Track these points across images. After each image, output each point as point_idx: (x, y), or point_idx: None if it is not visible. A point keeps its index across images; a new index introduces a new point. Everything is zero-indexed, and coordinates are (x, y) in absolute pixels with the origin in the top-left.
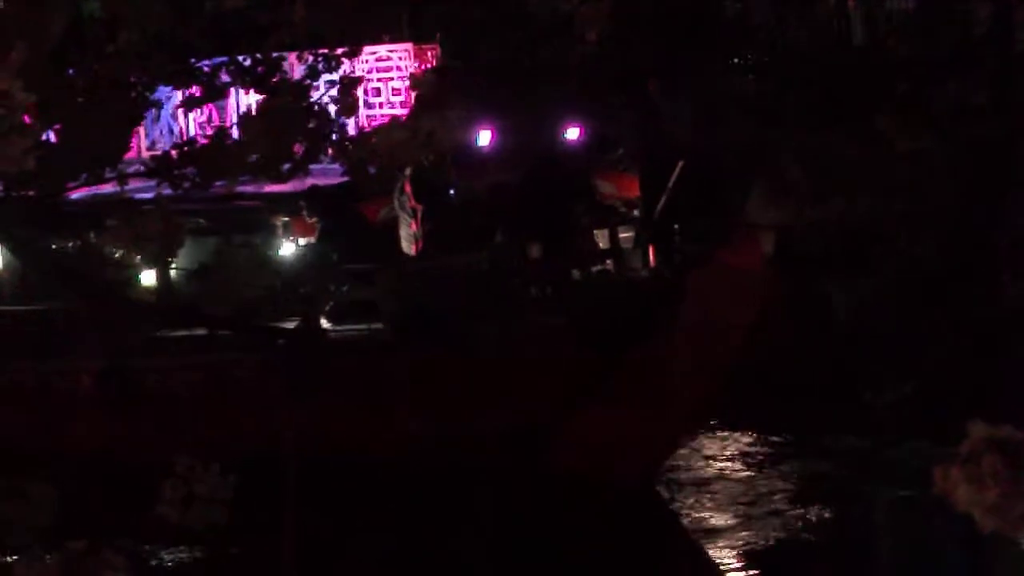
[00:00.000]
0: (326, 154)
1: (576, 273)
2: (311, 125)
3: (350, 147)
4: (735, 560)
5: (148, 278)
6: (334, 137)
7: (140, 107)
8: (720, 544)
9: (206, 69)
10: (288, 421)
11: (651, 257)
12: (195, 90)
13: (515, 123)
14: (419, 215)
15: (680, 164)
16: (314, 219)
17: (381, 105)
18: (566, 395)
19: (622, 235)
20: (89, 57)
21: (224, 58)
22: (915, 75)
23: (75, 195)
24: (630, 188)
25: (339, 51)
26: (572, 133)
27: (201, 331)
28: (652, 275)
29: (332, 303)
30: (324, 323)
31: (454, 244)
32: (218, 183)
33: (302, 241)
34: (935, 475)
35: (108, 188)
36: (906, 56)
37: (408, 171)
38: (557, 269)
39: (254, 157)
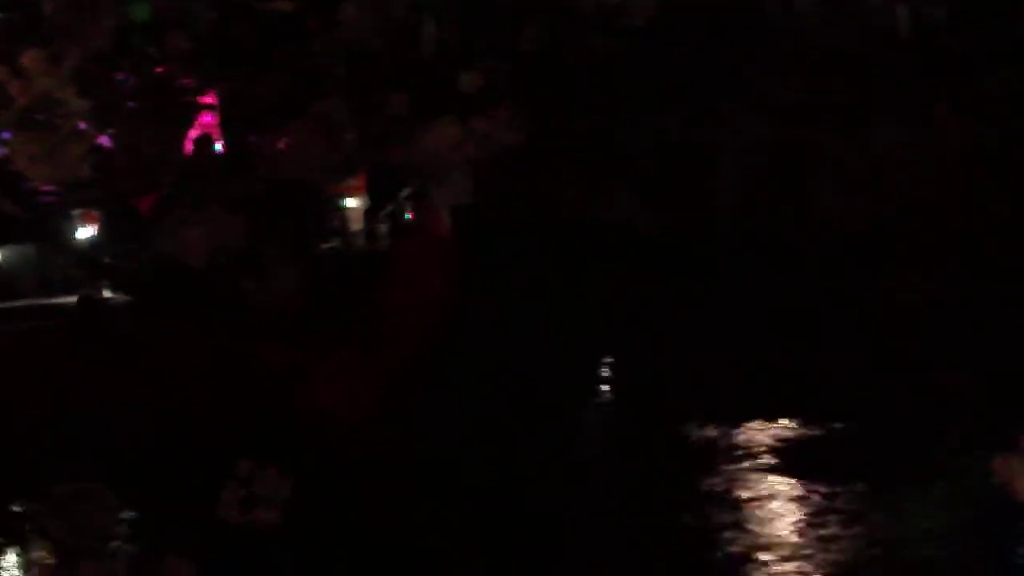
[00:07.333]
0: (384, 156)
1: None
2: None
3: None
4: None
5: None
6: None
7: (191, 111)
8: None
9: None
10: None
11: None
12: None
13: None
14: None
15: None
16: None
17: None
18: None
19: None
20: (138, 62)
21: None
22: (962, 68)
23: None
24: (361, 179)
25: None
26: None
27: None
28: (375, 247)
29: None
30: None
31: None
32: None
33: (92, 228)
34: (995, 465)
35: None
36: (954, 49)
37: None
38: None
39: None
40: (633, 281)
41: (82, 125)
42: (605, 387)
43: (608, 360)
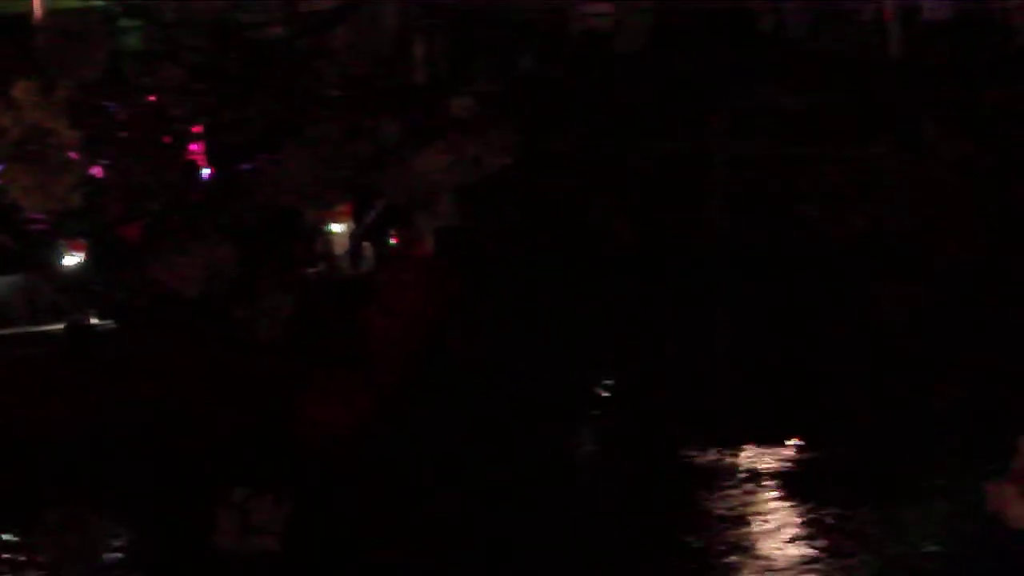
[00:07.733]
0: (376, 181)
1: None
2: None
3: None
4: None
5: None
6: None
7: (183, 140)
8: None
9: None
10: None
11: (360, 258)
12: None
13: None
14: None
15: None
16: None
17: None
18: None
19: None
20: (129, 92)
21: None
22: (955, 83)
23: None
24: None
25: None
26: None
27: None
28: (360, 271)
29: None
30: (93, 320)
31: None
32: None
33: (78, 256)
34: (988, 492)
35: None
36: (945, 64)
37: None
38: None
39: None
40: (627, 292)
41: (74, 155)
42: (602, 398)
43: (606, 379)
